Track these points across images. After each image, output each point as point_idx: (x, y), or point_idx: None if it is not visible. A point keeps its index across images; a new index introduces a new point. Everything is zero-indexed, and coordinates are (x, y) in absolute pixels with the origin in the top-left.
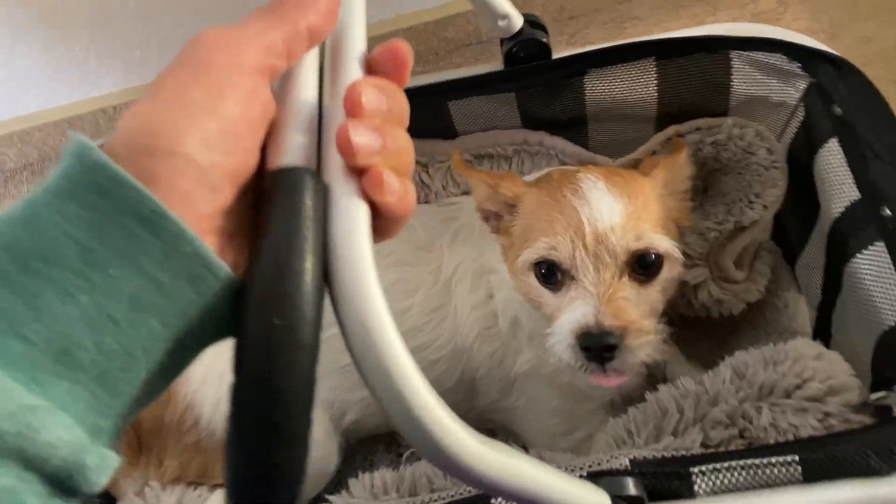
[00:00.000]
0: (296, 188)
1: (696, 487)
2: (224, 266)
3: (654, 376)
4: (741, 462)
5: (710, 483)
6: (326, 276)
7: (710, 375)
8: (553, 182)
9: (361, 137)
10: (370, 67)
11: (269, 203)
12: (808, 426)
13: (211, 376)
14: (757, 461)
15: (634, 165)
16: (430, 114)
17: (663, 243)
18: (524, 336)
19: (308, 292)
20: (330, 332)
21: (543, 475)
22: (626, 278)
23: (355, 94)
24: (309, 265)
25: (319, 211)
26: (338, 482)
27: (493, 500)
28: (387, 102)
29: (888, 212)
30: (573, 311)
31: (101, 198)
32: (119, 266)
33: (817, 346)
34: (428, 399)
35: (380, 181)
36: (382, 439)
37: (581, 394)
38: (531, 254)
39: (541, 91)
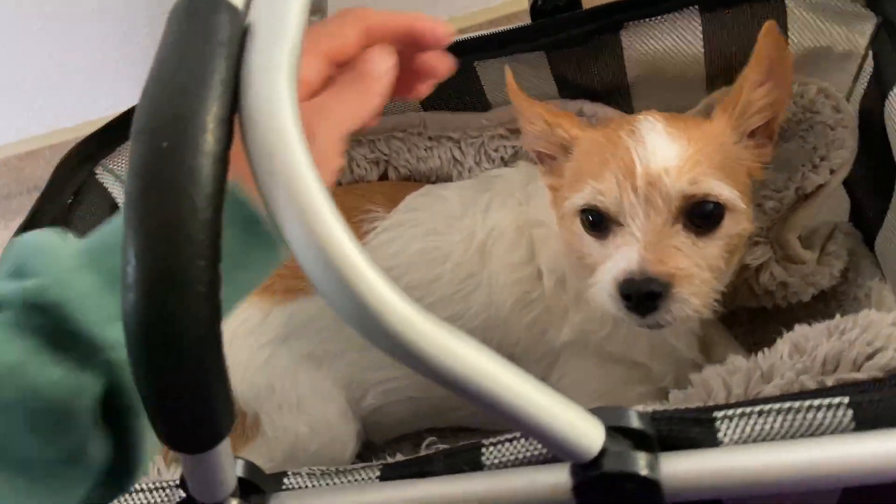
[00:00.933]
0: (208, 11)
1: (720, 435)
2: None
3: None
4: (776, 406)
5: (738, 430)
6: (238, 112)
7: (765, 352)
8: (611, 125)
9: None
10: None
11: (176, 27)
12: None
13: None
14: (796, 404)
15: None
16: (459, 81)
17: (724, 191)
18: (571, 298)
19: (208, 118)
20: None
21: (521, 382)
22: (679, 226)
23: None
24: (214, 91)
25: (231, 41)
26: None
27: (483, 449)
28: None
29: None
30: (617, 259)
31: None
32: None
33: (893, 314)
34: (348, 247)
35: None
36: (410, 438)
37: (632, 374)
38: (578, 199)
39: (575, 52)
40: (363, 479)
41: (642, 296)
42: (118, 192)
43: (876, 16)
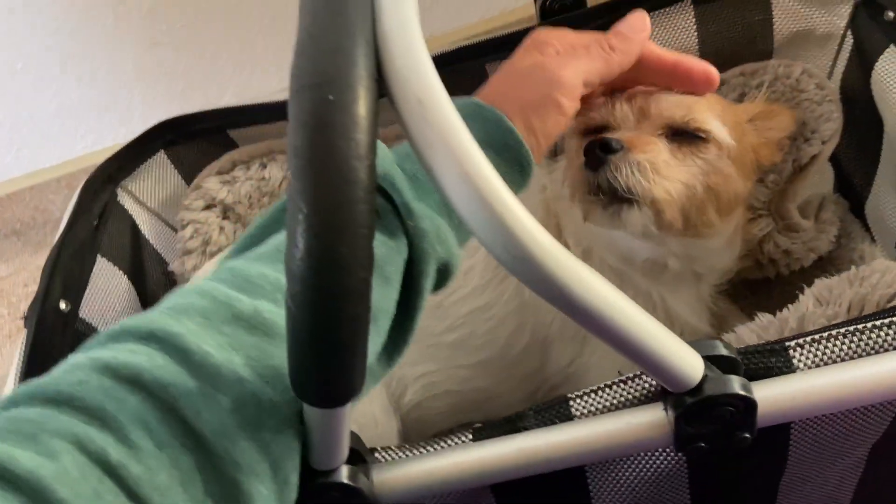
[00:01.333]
0: None
1: (795, 361)
2: None
3: None
4: (843, 329)
5: (811, 355)
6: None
7: (791, 307)
8: None
9: None
10: None
11: None
12: None
13: None
14: (861, 326)
15: None
16: (471, 82)
17: (714, 125)
18: (596, 267)
19: (362, 73)
20: None
21: (640, 315)
22: (663, 136)
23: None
24: (359, 49)
25: (366, 3)
26: None
27: (570, 402)
28: None
29: None
30: None
31: None
32: None
33: None
34: (494, 179)
35: None
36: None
37: None
38: (577, 124)
39: None
40: (457, 443)
41: (597, 145)
42: (137, 214)
43: None
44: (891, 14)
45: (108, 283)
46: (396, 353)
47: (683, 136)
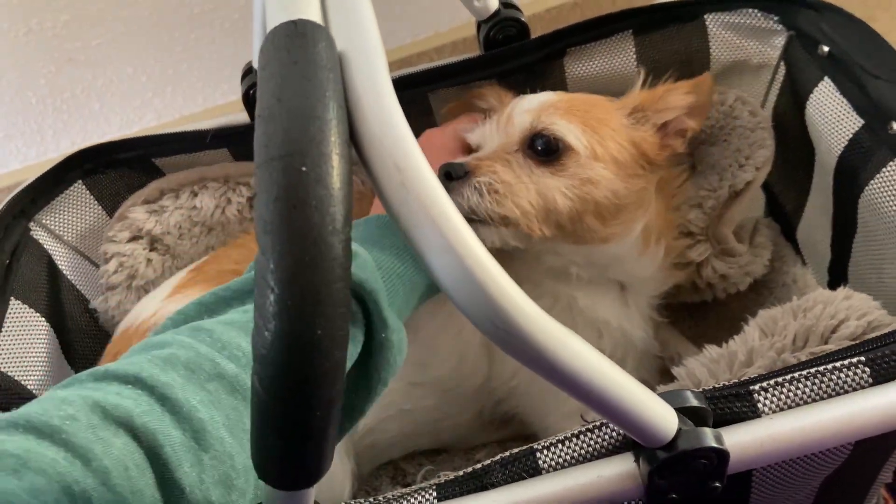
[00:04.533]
0: (309, 38)
1: (759, 406)
2: None
3: (668, 369)
4: (804, 372)
5: (775, 398)
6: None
7: (737, 338)
8: None
9: None
10: None
11: (275, 55)
12: None
13: None
14: (822, 368)
15: None
16: (412, 111)
17: (564, 131)
18: None
19: (336, 140)
20: None
21: (618, 374)
22: (520, 153)
23: None
24: (333, 113)
25: (336, 66)
26: None
27: (537, 454)
28: None
29: None
30: None
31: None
32: None
33: (844, 290)
34: (477, 248)
35: None
36: (387, 471)
37: None
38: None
39: (523, 78)
40: (421, 502)
41: (442, 174)
42: (54, 249)
43: (787, 30)
44: (825, 48)
45: (23, 328)
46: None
47: (539, 149)
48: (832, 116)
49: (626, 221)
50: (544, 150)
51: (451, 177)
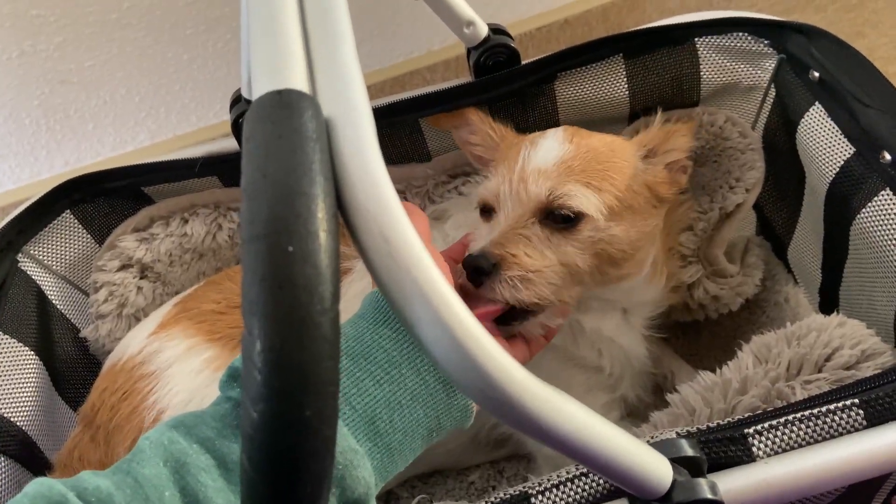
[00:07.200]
0: (294, 109)
1: (754, 450)
2: None
3: (661, 386)
4: (798, 415)
5: (769, 442)
6: (339, 202)
7: (731, 364)
8: (536, 133)
9: None
10: None
11: (260, 127)
12: None
13: (195, 399)
14: (815, 411)
15: None
16: (404, 135)
17: (580, 202)
18: None
19: (323, 217)
20: None
21: (612, 431)
22: (536, 221)
23: None
24: (319, 188)
25: (323, 135)
26: None
27: (532, 499)
28: None
29: (889, 157)
30: (480, 240)
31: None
32: (407, 367)
33: (837, 317)
34: (467, 318)
35: None
36: (380, 496)
37: (592, 380)
38: (477, 193)
39: (514, 102)
40: None
41: (471, 269)
42: (42, 279)
43: (778, 53)
44: (816, 74)
45: (11, 364)
46: None
47: (555, 219)
48: (823, 142)
49: (641, 260)
50: (562, 219)
51: (483, 271)
